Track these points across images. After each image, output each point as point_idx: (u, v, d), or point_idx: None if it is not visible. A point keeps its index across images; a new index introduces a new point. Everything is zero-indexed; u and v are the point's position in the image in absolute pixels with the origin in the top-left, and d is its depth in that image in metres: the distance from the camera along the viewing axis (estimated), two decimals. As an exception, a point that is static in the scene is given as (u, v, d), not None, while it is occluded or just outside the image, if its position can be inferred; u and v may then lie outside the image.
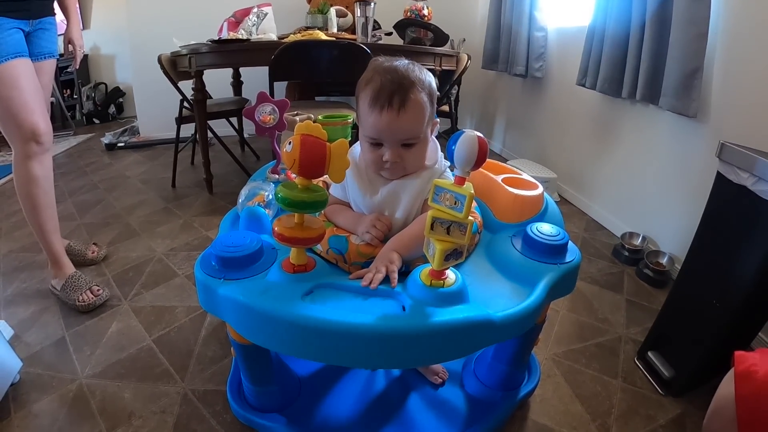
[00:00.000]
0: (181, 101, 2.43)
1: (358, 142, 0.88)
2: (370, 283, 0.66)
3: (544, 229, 0.87)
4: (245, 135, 3.25)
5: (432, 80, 0.82)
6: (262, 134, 0.99)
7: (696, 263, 1.12)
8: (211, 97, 2.77)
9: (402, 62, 0.80)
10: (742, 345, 1.14)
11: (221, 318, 0.72)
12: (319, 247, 0.81)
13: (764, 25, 1.32)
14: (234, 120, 3.04)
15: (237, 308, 0.65)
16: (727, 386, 0.67)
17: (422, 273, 0.64)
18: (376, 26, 2.80)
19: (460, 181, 0.57)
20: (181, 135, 2.61)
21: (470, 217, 0.57)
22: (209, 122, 2.38)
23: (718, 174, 1.04)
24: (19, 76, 1.25)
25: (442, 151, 0.88)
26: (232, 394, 0.98)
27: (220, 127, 2.67)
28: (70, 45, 1.55)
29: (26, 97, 1.26)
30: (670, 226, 1.73)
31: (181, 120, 2.49)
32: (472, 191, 0.55)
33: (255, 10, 2.19)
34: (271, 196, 0.90)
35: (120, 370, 1.15)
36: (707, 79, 1.49)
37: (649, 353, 1.19)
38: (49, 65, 1.46)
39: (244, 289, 0.65)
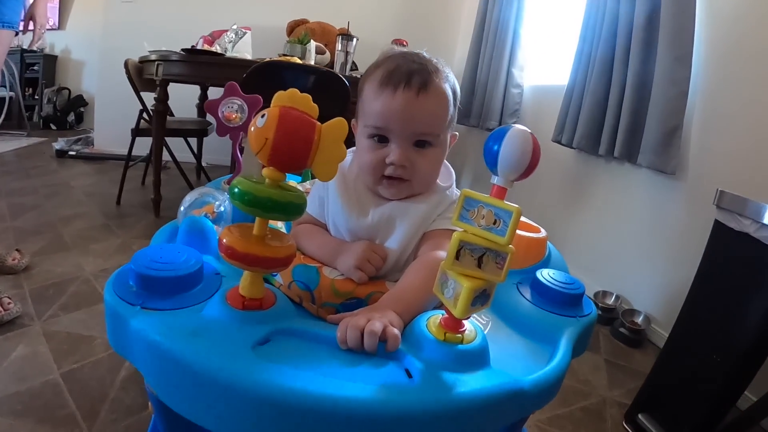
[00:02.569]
0: (141, 111, 2.19)
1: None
2: (359, 341, 0.42)
3: (557, 275, 0.70)
4: (204, 163, 2.99)
5: (456, 81, 0.64)
6: (224, 134, 0.78)
7: (693, 316, 1.05)
8: (173, 115, 2.53)
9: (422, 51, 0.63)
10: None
11: (133, 363, 0.49)
12: (279, 280, 0.58)
13: (742, 85, 1.33)
14: (194, 145, 2.80)
15: (152, 353, 0.42)
16: None
17: (431, 323, 0.44)
18: (354, 67, 2.70)
19: (501, 192, 0.39)
20: (137, 153, 2.38)
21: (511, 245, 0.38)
22: (167, 142, 2.16)
23: (717, 223, 0.99)
24: None
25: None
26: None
27: (179, 151, 2.47)
28: (31, 21, 1.37)
29: None
30: (644, 285, 1.63)
31: (137, 131, 2.23)
32: (519, 207, 0.37)
33: (234, 27, 2.02)
34: (223, 208, 0.67)
35: (16, 406, 0.93)
36: (686, 137, 1.48)
37: (640, 416, 1.08)
38: (6, 36, 1.28)
39: (167, 325, 0.42)
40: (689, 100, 1.43)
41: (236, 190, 0.37)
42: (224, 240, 0.39)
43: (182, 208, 0.65)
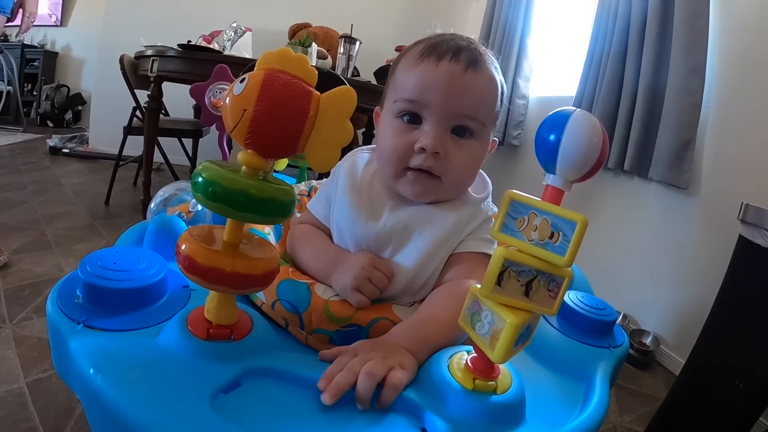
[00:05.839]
0: (134, 109, 2.07)
1: (359, 153, 0.57)
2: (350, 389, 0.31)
3: (585, 299, 0.60)
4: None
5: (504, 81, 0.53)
6: (210, 123, 0.67)
7: (714, 339, 0.97)
8: (168, 115, 2.43)
9: None
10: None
11: (75, 392, 0.38)
12: (261, 297, 0.46)
13: (757, 96, 1.26)
14: (189, 147, 2.71)
15: (84, 389, 0.31)
16: None
17: (454, 364, 0.33)
18: (356, 73, 2.61)
19: (557, 196, 0.29)
20: (131, 153, 2.28)
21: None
22: (160, 144, 2.07)
23: (741, 238, 0.91)
24: None
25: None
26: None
27: (174, 153, 2.38)
28: (20, 9, 1.31)
29: None
30: (654, 304, 1.53)
31: (129, 130, 2.12)
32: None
33: (234, 24, 1.92)
34: (200, 207, 0.56)
35: (-24, 417, 0.83)
36: (698, 151, 1.40)
37: (654, 444, 1.00)
38: None
39: (108, 353, 0.32)
40: (702, 112, 1.36)
41: (200, 179, 0.26)
42: (182, 247, 0.28)
43: (152, 205, 0.54)
